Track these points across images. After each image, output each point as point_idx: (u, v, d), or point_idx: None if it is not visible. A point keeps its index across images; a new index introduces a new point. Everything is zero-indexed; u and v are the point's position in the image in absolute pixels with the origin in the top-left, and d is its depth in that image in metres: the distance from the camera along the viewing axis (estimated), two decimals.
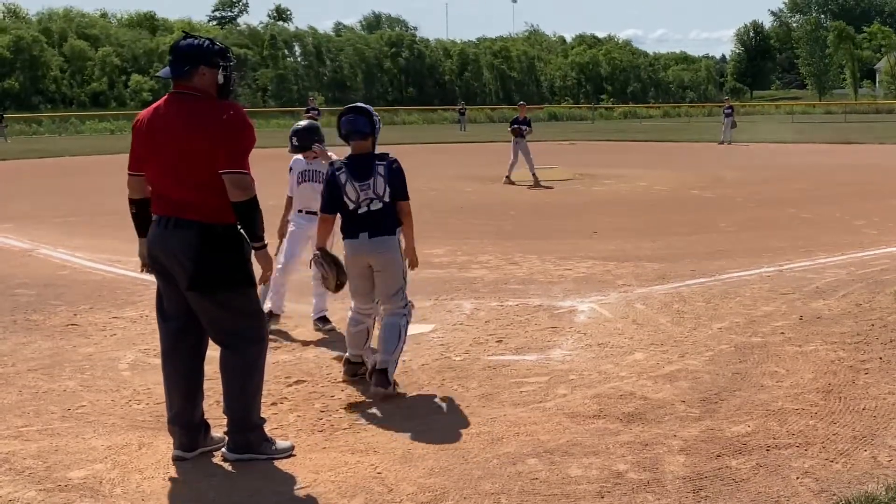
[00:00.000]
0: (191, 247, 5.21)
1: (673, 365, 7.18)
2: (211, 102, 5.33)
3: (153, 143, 5.32)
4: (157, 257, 5.40)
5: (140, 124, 5.44)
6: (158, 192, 5.37)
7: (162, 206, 5.36)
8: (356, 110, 6.83)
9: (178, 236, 5.25)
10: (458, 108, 71.41)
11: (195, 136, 5.19)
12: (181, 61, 5.34)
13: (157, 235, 5.37)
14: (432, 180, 24.58)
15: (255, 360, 5.45)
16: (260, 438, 5.44)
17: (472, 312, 9.15)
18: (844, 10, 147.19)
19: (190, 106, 5.29)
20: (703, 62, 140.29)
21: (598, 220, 16.52)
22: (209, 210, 5.23)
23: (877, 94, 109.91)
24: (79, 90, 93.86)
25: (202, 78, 5.34)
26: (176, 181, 5.25)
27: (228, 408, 5.46)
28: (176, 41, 5.48)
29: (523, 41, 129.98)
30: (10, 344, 8.24)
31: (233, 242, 5.32)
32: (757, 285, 10.11)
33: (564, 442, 5.58)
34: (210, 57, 5.37)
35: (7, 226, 16.46)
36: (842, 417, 5.91)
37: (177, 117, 5.28)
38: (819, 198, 19.56)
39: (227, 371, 5.42)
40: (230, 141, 5.21)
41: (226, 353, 5.42)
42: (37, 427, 6.05)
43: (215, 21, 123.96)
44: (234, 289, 5.35)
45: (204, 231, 5.23)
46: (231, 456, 5.39)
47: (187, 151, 5.20)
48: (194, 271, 5.22)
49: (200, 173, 5.20)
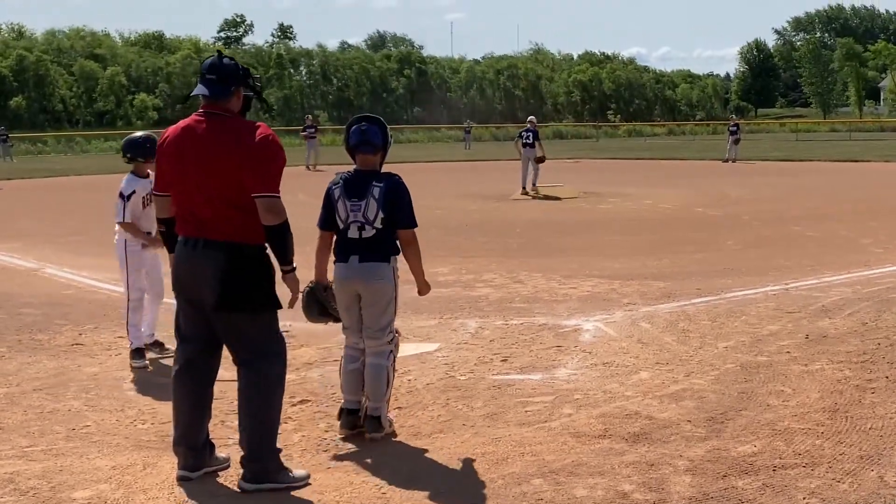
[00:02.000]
0: (219, 267, 5.17)
1: (678, 384, 7.16)
2: (243, 123, 5.30)
3: (181, 163, 5.27)
4: (182, 278, 5.35)
5: (167, 144, 5.37)
6: (185, 213, 5.32)
7: (188, 226, 5.31)
8: (369, 119, 6.24)
9: (207, 257, 5.20)
10: (465, 126, 71.49)
11: (228, 156, 5.14)
12: (226, 81, 5.30)
13: (183, 256, 5.32)
14: (438, 199, 24.58)
15: (275, 382, 5.38)
16: (278, 467, 5.33)
17: (476, 331, 9.14)
18: (848, 28, 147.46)
19: (222, 126, 5.24)
20: (708, 80, 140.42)
21: (603, 239, 16.52)
22: (238, 230, 5.18)
23: (881, 113, 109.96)
24: (85, 110, 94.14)
25: (237, 99, 5.35)
26: (205, 201, 5.19)
27: (246, 434, 5.31)
28: (213, 61, 5.37)
29: (528, 59, 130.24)
30: (15, 363, 8.24)
31: (260, 263, 5.27)
32: (763, 304, 10.09)
33: (570, 462, 5.56)
34: (246, 79, 5.39)
35: (13, 245, 16.50)
36: (848, 437, 5.89)
37: (209, 138, 5.21)
38: (825, 216, 19.55)
39: (247, 393, 5.32)
40: (263, 163, 5.15)
41: (246, 375, 5.33)
42: (41, 447, 6.05)
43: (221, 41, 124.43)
44: (260, 310, 5.31)
45: (233, 251, 5.19)
46: (248, 486, 5.26)
47: (219, 171, 5.15)
48: (222, 291, 5.17)
49: (231, 194, 5.15)
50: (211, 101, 5.31)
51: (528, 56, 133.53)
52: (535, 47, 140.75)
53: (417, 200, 6.46)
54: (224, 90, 5.30)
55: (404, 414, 6.65)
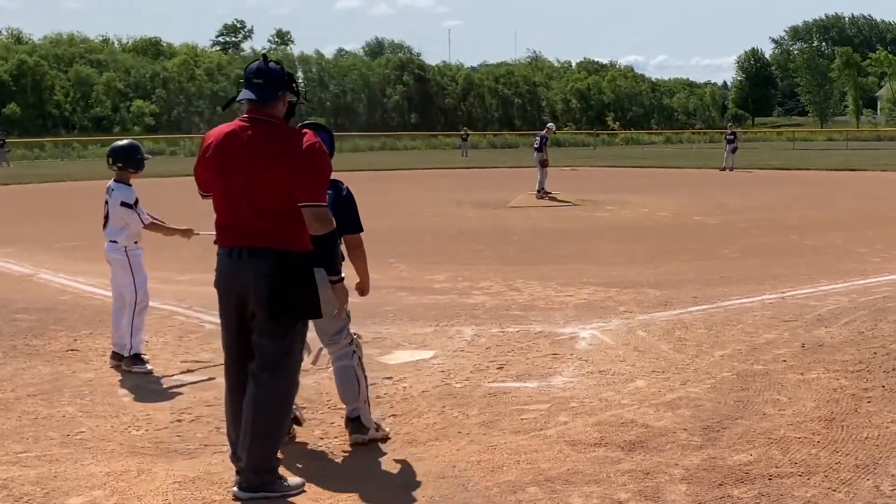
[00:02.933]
0: (267, 275, 5.08)
1: (674, 392, 7.15)
2: (289, 130, 5.23)
3: (222, 169, 5.18)
4: (228, 290, 5.25)
5: (210, 151, 5.25)
6: (227, 222, 5.22)
7: (229, 236, 5.21)
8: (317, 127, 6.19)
9: (253, 266, 5.11)
10: (462, 133, 71.59)
11: (276, 165, 5.06)
12: (273, 86, 5.22)
13: (227, 268, 5.22)
14: (434, 206, 24.59)
15: (286, 396, 5.33)
16: (274, 477, 5.28)
17: (472, 339, 9.13)
18: (845, 37, 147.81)
19: (269, 133, 5.15)
20: (706, 89, 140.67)
21: (600, 247, 16.52)
22: (284, 238, 5.11)
23: (878, 122, 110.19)
24: (82, 115, 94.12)
25: (283, 104, 5.28)
26: (250, 209, 5.11)
27: (249, 446, 5.22)
28: (260, 65, 5.26)
29: (525, 67, 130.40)
30: (9, 369, 8.22)
31: (307, 271, 5.21)
32: (759, 312, 10.08)
33: (565, 470, 5.55)
34: (291, 84, 5.32)
35: (8, 250, 16.49)
36: (844, 446, 5.88)
37: (255, 145, 5.12)
38: (822, 225, 19.56)
39: (258, 404, 5.20)
40: (311, 173, 5.10)
41: (258, 387, 5.20)
42: (35, 453, 6.03)
43: (219, 46, 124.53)
44: (304, 319, 5.29)
45: (280, 258, 5.11)
46: (244, 496, 5.21)
47: (266, 180, 5.06)
48: (273, 299, 5.08)
49: (278, 201, 5.08)
50: (257, 106, 5.22)
51: (526, 63, 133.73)
52: (533, 55, 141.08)
53: (414, 207, 6.51)
54: (271, 95, 5.22)
55: (399, 421, 6.64)
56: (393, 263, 14.23)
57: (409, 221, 21.13)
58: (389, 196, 27.15)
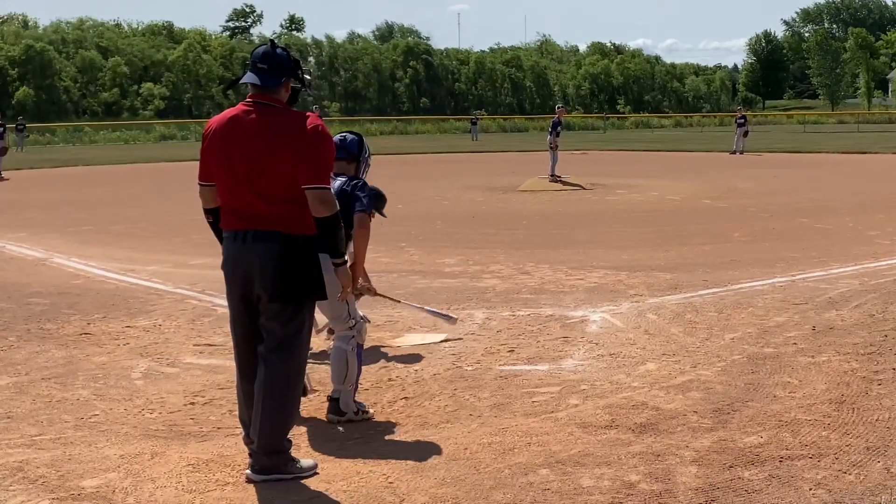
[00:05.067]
0: (273, 258, 5.11)
1: (685, 375, 7.16)
2: (293, 114, 5.24)
3: (226, 154, 5.20)
4: (235, 273, 5.27)
5: (212, 135, 5.28)
6: (232, 206, 5.24)
7: (235, 220, 5.23)
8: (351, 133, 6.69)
9: (259, 249, 5.14)
10: (472, 117, 71.49)
11: (281, 149, 5.08)
12: (278, 72, 5.24)
13: (233, 251, 5.25)
14: (444, 190, 24.60)
15: (296, 376, 5.36)
16: (286, 457, 5.32)
17: (483, 322, 9.15)
18: (857, 19, 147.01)
19: (273, 117, 5.18)
20: (717, 72, 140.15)
21: (610, 230, 16.52)
22: (290, 222, 5.14)
23: (889, 104, 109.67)
24: (91, 100, 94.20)
25: (286, 90, 5.30)
26: (255, 194, 5.13)
27: (261, 428, 5.25)
28: (266, 50, 5.29)
29: (535, 51, 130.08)
30: (23, 353, 8.27)
31: (312, 254, 5.23)
32: (769, 295, 10.08)
33: (576, 452, 5.57)
34: (297, 70, 5.34)
35: (21, 234, 16.55)
36: (855, 428, 5.89)
37: (258, 129, 5.14)
38: (832, 208, 19.51)
39: (267, 387, 5.24)
40: (314, 155, 5.11)
41: (268, 368, 5.24)
42: (50, 436, 6.07)
43: (229, 31, 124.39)
44: (311, 301, 5.32)
45: (286, 242, 5.13)
46: (256, 477, 5.25)
47: (270, 163, 5.09)
48: (279, 282, 5.12)
49: (282, 186, 5.10)
50: (261, 90, 5.24)
51: (536, 48, 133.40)
52: (543, 38, 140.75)
53: (425, 192, 6.57)
54: (275, 80, 5.23)
55: (411, 404, 6.67)
56: (404, 247, 14.26)
57: (419, 206, 21.14)
58: (400, 181, 27.17)
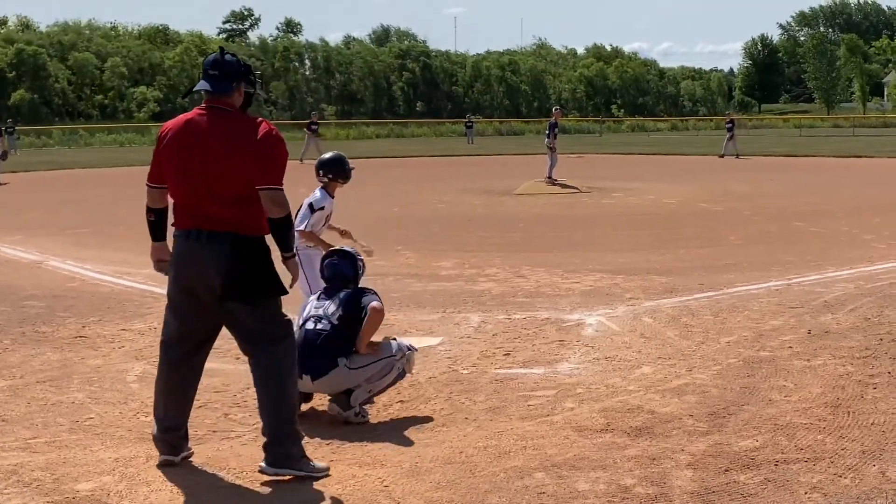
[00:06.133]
0: (226, 258, 5.21)
1: (681, 379, 7.16)
2: (246, 118, 5.37)
3: (181, 158, 5.30)
4: (184, 271, 5.37)
5: (167, 137, 5.40)
6: (186, 207, 5.34)
7: (189, 219, 5.33)
8: (341, 254, 6.82)
9: (212, 249, 5.24)
10: (466, 120, 71.54)
11: (233, 151, 5.20)
12: (228, 78, 5.38)
13: (186, 250, 5.35)
14: (441, 193, 24.60)
15: (288, 365, 5.41)
16: (300, 454, 5.35)
17: (479, 325, 9.15)
18: (852, 24, 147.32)
19: (226, 122, 5.31)
20: (713, 76, 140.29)
21: (606, 234, 16.53)
22: (241, 222, 5.24)
23: (885, 109, 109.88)
24: (87, 102, 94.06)
25: (238, 95, 5.42)
26: (209, 196, 5.23)
27: (267, 420, 5.36)
28: (216, 57, 5.44)
29: (532, 54, 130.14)
30: (18, 356, 8.25)
31: (263, 252, 5.34)
32: (765, 299, 10.09)
33: (572, 456, 5.57)
34: (248, 75, 5.48)
35: (17, 237, 16.53)
36: (850, 432, 5.89)
37: (213, 133, 5.27)
38: (828, 212, 19.53)
39: (262, 378, 5.37)
40: (268, 157, 5.23)
41: (259, 363, 5.39)
42: (45, 439, 6.06)
43: (225, 34, 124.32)
44: (269, 296, 5.37)
45: (238, 242, 5.24)
46: (269, 470, 5.29)
47: (225, 166, 5.20)
48: (231, 281, 5.22)
49: (236, 188, 5.21)
50: (214, 96, 5.37)
51: (532, 51, 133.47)
52: (539, 42, 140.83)
53: (421, 195, 6.62)
54: (226, 86, 5.37)
55: (407, 407, 6.67)
56: (400, 250, 14.25)
57: (415, 209, 21.14)
58: (396, 184, 27.15)
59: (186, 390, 5.60)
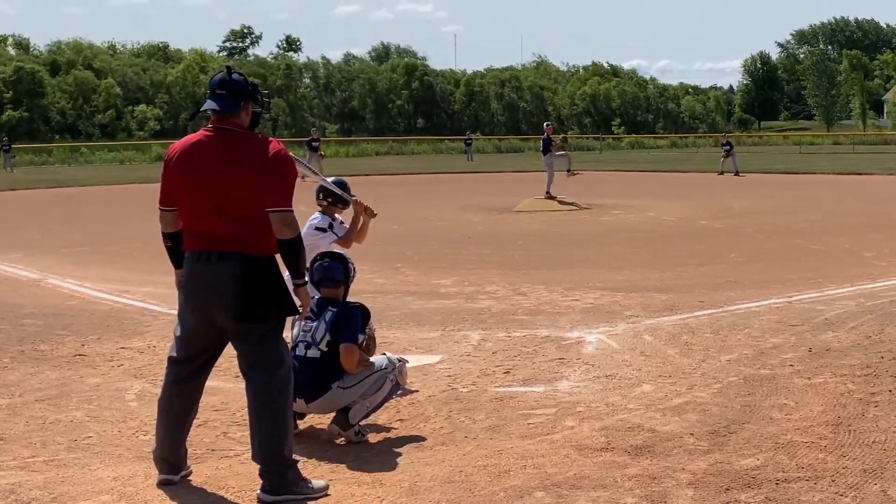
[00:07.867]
0: (236, 278, 5.18)
1: (681, 397, 7.14)
2: (254, 138, 5.33)
3: (190, 179, 5.26)
4: (196, 293, 5.33)
5: (174, 158, 5.35)
6: (196, 228, 5.30)
7: (199, 241, 5.29)
8: (332, 256, 6.73)
9: (222, 270, 5.20)
10: (465, 137, 71.72)
11: (243, 172, 5.16)
12: (236, 97, 5.32)
13: (196, 271, 5.30)
14: (440, 210, 24.60)
15: (284, 387, 5.36)
16: (296, 477, 5.31)
17: (479, 343, 9.13)
18: (852, 41, 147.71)
19: (234, 142, 5.26)
20: (712, 93, 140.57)
21: (606, 251, 16.51)
22: (253, 243, 5.20)
23: (884, 126, 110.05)
24: (87, 121, 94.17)
25: (246, 114, 5.38)
26: (219, 216, 5.19)
27: (261, 445, 5.29)
28: (223, 76, 5.38)
29: (532, 71, 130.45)
30: (17, 374, 8.24)
31: (275, 272, 5.31)
32: (766, 317, 10.07)
33: (572, 475, 5.55)
34: (255, 94, 5.43)
35: (16, 255, 16.52)
36: (851, 451, 5.87)
37: (221, 153, 5.22)
38: (828, 229, 19.54)
39: (258, 403, 5.31)
40: (278, 178, 5.19)
41: (255, 385, 5.32)
42: (43, 458, 6.04)
43: (226, 52, 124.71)
44: (279, 317, 5.36)
45: (249, 262, 5.20)
46: (267, 498, 5.23)
47: (234, 187, 5.16)
48: (242, 302, 5.18)
49: (245, 208, 5.17)
50: (221, 116, 5.33)
51: (532, 69, 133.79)
52: (539, 59, 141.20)
53: (421, 212, 6.58)
54: (234, 105, 5.32)
55: (407, 426, 6.65)
56: (399, 268, 14.25)
57: (415, 226, 21.15)
58: (396, 201, 27.16)
59: (189, 410, 5.58)
